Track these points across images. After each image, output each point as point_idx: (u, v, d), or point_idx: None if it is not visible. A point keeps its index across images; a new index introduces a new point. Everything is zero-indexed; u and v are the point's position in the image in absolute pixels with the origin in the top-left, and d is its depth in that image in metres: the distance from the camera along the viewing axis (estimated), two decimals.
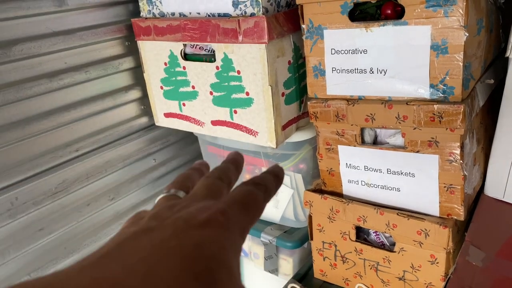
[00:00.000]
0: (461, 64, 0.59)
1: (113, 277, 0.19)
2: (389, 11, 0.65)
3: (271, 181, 0.30)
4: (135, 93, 0.92)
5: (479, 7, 0.61)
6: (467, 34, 0.58)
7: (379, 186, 0.74)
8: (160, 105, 0.90)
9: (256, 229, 0.93)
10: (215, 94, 0.79)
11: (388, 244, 0.77)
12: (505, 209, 0.73)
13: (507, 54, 0.66)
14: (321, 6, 0.68)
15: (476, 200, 0.75)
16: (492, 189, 0.75)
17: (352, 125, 0.72)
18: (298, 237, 0.90)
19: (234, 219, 0.24)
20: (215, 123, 0.83)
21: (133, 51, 0.89)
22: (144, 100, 0.93)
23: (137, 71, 0.91)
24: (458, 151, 0.64)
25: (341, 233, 0.79)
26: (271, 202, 0.94)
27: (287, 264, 0.95)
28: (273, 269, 0.97)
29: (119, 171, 0.90)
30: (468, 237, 0.66)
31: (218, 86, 0.78)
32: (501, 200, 0.74)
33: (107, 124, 0.87)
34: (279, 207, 0.93)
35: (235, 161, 0.33)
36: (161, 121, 0.92)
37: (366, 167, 0.74)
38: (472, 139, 0.68)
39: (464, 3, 0.56)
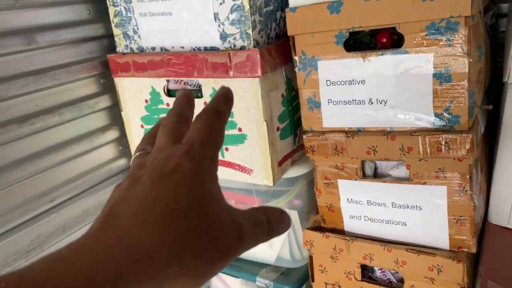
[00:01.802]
0: (466, 92, 0.57)
1: (114, 236, 0.23)
2: (384, 40, 0.63)
3: (221, 103, 0.31)
4: (113, 134, 0.85)
5: (478, 34, 0.60)
6: (471, 60, 0.56)
7: (384, 221, 0.70)
8: None
9: (251, 272, 0.87)
10: None
11: (395, 281, 0.73)
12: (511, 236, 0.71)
13: (505, 79, 0.65)
14: (314, 37, 0.65)
15: (482, 228, 0.73)
16: (497, 217, 0.73)
17: (352, 158, 0.68)
18: (296, 279, 0.84)
19: (199, 154, 0.27)
20: None
21: (109, 89, 0.83)
22: (122, 140, 0.87)
23: (114, 110, 0.84)
24: (467, 181, 0.61)
25: (345, 273, 0.74)
26: (265, 243, 0.88)
27: None
28: None
29: None
30: (483, 271, 0.63)
31: None
32: (506, 228, 0.73)
33: (84, 169, 0.79)
34: (274, 247, 0.87)
35: (186, 97, 0.34)
36: None
37: (369, 201, 0.70)
38: (478, 168, 0.66)
39: (467, 31, 0.55)
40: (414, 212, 0.67)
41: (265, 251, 0.89)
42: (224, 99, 0.32)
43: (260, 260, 0.90)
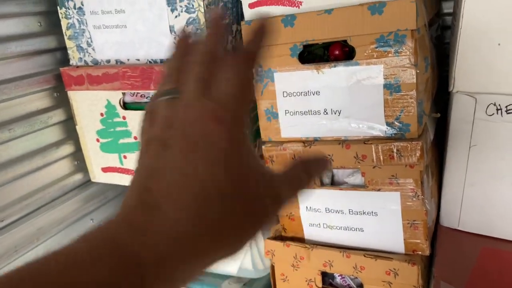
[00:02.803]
0: (415, 101, 0.60)
1: (152, 218, 0.23)
2: (337, 52, 0.65)
3: (254, 43, 0.29)
4: (68, 148, 0.83)
5: (424, 46, 0.63)
6: (418, 71, 0.59)
7: (342, 228, 0.72)
8: (97, 160, 0.82)
9: (213, 284, 0.87)
10: None
11: (355, 286, 0.75)
12: (463, 238, 0.74)
13: (450, 88, 0.68)
14: (270, 49, 0.66)
15: (434, 231, 0.76)
16: (448, 219, 0.77)
17: None
18: None
19: (231, 118, 0.26)
20: None
21: (63, 102, 0.80)
22: (77, 155, 0.84)
23: (69, 124, 0.82)
24: (419, 187, 0.64)
25: (306, 281, 0.75)
26: None
27: None
28: None
29: (53, 238, 0.79)
30: (436, 273, 0.65)
31: None
32: (457, 229, 0.76)
33: (37, 186, 0.76)
34: (236, 258, 0.87)
35: (218, 28, 0.31)
36: (99, 176, 0.84)
37: (327, 209, 0.72)
38: (428, 173, 0.69)
39: (413, 43, 0.58)
40: (370, 218, 0.69)
41: (228, 263, 0.88)
42: (258, 38, 0.29)
43: (222, 272, 0.90)
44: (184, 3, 0.64)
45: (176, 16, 0.65)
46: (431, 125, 0.71)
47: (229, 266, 0.88)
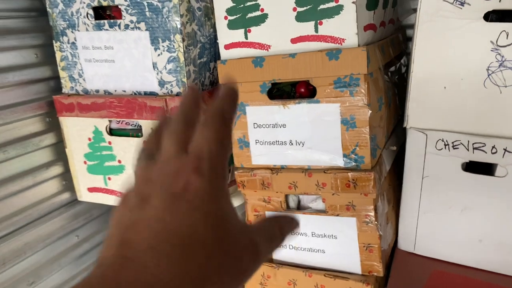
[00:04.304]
0: (368, 136, 0.67)
1: (133, 272, 0.22)
2: (302, 90, 0.73)
3: (227, 104, 0.29)
4: (57, 169, 0.89)
5: (378, 87, 0.71)
6: (371, 111, 0.66)
7: (306, 249, 0.78)
8: (84, 180, 0.88)
9: None
10: None
11: None
12: (417, 261, 0.81)
13: (404, 125, 0.76)
14: (242, 86, 0.73)
15: (392, 254, 0.82)
16: (404, 244, 0.83)
17: (277, 192, 0.76)
18: None
19: (209, 169, 0.26)
20: None
21: (54, 127, 0.87)
22: (66, 175, 0.91)
23: (59, 147, 0.89)
24: (372, 213, 0.70)
25: None
26: None
27: None
28: None
29: (39, 252, 0.85)
30: None
31: None
32: (413, 253, 0.82)
33: (27, 204, 0.83)
34: None
35: (192, 96, 0.32)
36: (85, 196, 0.90)
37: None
38: (384, 201, 0.76)
39: (366, 85, 0.65)
40: (331, 241, 0.75)
41: None
42: (230, 99, 0.30)
43: None
44: (166, 43, 0.72)
45: (158, 55, 0.73)
46: (388, 157, 0.78)
47: None
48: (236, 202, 0.86)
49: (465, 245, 0.77)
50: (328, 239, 0.75)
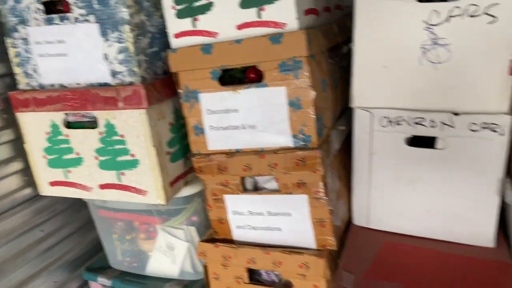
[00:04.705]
0: (313, 116, 0.71)
1: None
2: (252, 75, 0.75)
3: None
4: (17, 165, 0.90)
5: (322, 69, 0.74)
6: (315, 93, 0.70)
7: (263, 228, 0.81)
8: (44, 174, 0.89)
9: (154, 287, 0.94)
10: (100, 158, 0.82)
11: (277, 281, 0.84)
12: (370, 234, 0.85)
13: (350, 104, 0.80)
14: (193, 73, 0.76)
15: (347, 229, 0.86)
16: (358, 219, 0.87)
17: (233, 175, 0.79)
18: None
19: None
20: (103, 186, 0.84)
21: (12, 123, 0.88)
22: (27, 170, 0.91)
23: (17, 143, 0.89)
24: (322, 189, 0.74)
25: (235, 278, 0.84)
26: (168, 258, 0.96)
27: None
28: None
29: (2, 248, 0.85)
30: (341, 264, 0.75)
31: (103, 151, 0.81)
32: (366, 227, 0.87)
33: None
34: (176, 262, 0.95)
35: None
36: (47, 190, 0.91)
37: (250, 212, 0.81)
38: (334, 177, 0.79)
39: (309, 68, 0.68)
40: (286, 219, 0.79)
41: (169, 267, 0.96)
42: None
43: (165, 275, 0.97)
44: (115, 34, 0.73)
45: (109, 46, 0.74)
46: (338, 136, 0.82)
47: (171, 270, 0.96)
48: (197, 188, 0.88)
49: (414, 216, 0.81)
50: (283, 217, 0.79)
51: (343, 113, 0.89)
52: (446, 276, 0.70)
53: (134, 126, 0.76)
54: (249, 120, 0.75)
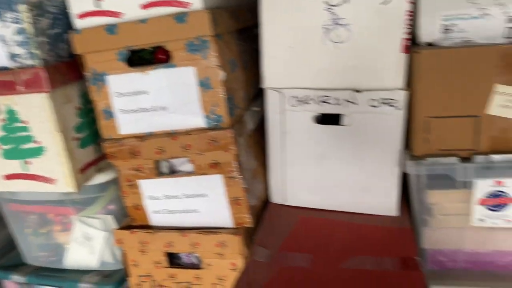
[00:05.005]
0: (224, 96, 0.71)
1: None
2: (161, 56, 0.74)
3: None
4: None
5: (230, 49, 0.75)
6: (223, 73, 0.70)
7: (180, 211, 0.81)
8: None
9: (74, 280, 0.91)
10: (3, 147, 0.77)
11: (197, 263, 0.84)
12: (287, 211, 0.88)
13: (262, 85, 0.81)
14: (99, 55, 0.73)
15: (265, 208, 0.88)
16: (275, 197, 0.90)
17: (146, 159, 0.78)
18: (118, 278, 0.90)
19: None
20: (8, 177, 0.79)
21: None
22: None
23: None
24: (236, 168, 0.75)
25: (154, 263, 0.83)
26: (85, 249, 0.93)
27: None
28: None
29: None
30: (256, 240, 0.77)
31: (6, 139, 0.76)
32: (284, 205, 0.89)
33: None
34: (95, 252, 0.92)
35: None
36: (2, 185, 0.83)
37: (165, 195, 0.80)
38: (249, 157, 0.81)
39: (216, 48, 0.69)
40: (202, 200, 0.79)
41: (88, 258, 0.93)
42: None
43: (84, 267, 0.94)
44: (11, 14, 0.69)
45: (5, 27, 0.70)
46: (252, 117, 0.83)
47: (90, 261, 0.93)
48: (111, 175, 0.86)
49: (325, 191, 0.85)
50: (199, 198, 0.79)
51: (260, 95, 0.90)
52: (352, 244, 0.74)
53: (37, 111, 0.72)
54: (159, 101, 0.74)
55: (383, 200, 0.81)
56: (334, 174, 0.83)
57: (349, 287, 0.63)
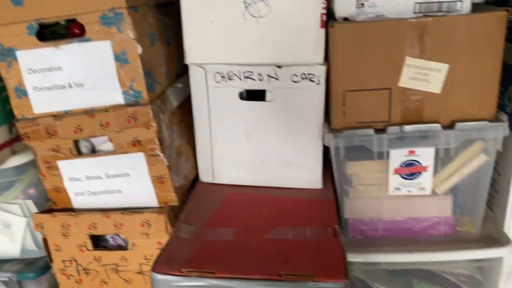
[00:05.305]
0: (141, 71, 0.69)
1: None
2: (76, 30, 0.71)
3: None
4: None
5: (148, 23, 0.73)
6: (140, 46, 0.68)
7: (103, 192, 0.79)
8: None
9: None
10: None
11: (124, 244, 0.82)
12: (215, 189, 0.87)
13: (185, 61, 0.80)
14: (7, 28, 0.69)
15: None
16: (204, 175, 0.89)
17: (64, 139, 0.75)
18: (42, 265, 0.87)
19: None
20: None
21: None
22: None
23: None
24: (157, 146, 0.73)
25: (78, 246, 0.81)
26: (5, 237, 0.88)
27: None
28: None
29: None
30: (182, 217, 0.76)
31: None
32: (213, 183, 0.89)
33: None
34: (15, 240, 0.88)
35: None
36: None
37: (87, 176, 0.78)
38: (173, 135, 0.80)
39: (131, 20, 0.66)
40: (124, 179, 0.77)
41: (8, 246, 0.89)
42: None
43: (5, 256, 0.90)
44: None
45: None
46: (176, 93, 0.81)
47: (11, 249, 0.89)
48: (28, 158, 0.82)
49: (252, 167, 0.86)
50: (121, 178, 0.77)
51: (186, 72, 0.89)
52: (277, 217, 0.75)
53: None
54: (75, 78, 0.71)
55: (307, 174, 0.83)
56: (261, 150, 0.83)
57: (269, 256, 0.64)
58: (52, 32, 0.72)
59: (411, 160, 0.74)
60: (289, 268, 0.60)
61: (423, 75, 0.70)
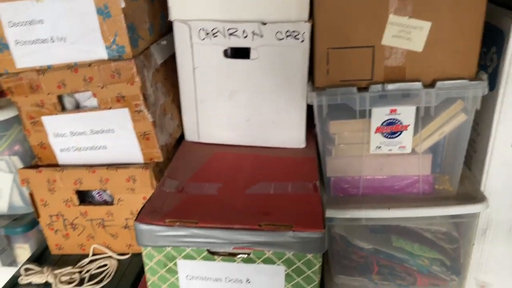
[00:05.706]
0: (124, 25, 0.69)
1: None
2: None
3: None
4: None
5: None
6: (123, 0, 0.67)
7: (88, 148, 0.79)
8: None
9: None
10: None
11: (110, 200, 0.84)
12: (200, 148, 0.88)
13: (169, 18, 0.79)
14: None
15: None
16: (189, 134, 0.90)
17: (48, 94, 0.75)
18: (29, 220, 0.88)
19: None
20: None
21: None
22: None
23: None
24: (141, 102, 0.74)
25: (64, 202, 0.82)
26: None
27: (24, 252, 0.92)
28: (11, 262, 0.92)
29: None
30: (166, 173, 0.78)
31: None
32: (198, 142, 0.90)
33: None
34: (2, 196, 0.89)
35: None
36: None
37: (72, 132, 0.78)
38: (157, 92, 0.80)
39: None
40: (109, 135, 0.78)
41: None
42: None
43: None
44: None
45: None
46: (160, 51, 0.81)
47: None
48: (12, 113, 0.82)
49: (237, 126, 0.86)
50: (106, 134, 0.78)
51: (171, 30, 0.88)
52: (259, 173, 0.77)
53: None
54: (57, 32, 0.71)
55: (291, 133, 0.84)
56: (245, 109, 0.84)
57: (251, 208, 0.66)
58: None
59: (392, 119, 0.75)
60: (270, 219, 0.62)
61: (406, 33, 0.70)
